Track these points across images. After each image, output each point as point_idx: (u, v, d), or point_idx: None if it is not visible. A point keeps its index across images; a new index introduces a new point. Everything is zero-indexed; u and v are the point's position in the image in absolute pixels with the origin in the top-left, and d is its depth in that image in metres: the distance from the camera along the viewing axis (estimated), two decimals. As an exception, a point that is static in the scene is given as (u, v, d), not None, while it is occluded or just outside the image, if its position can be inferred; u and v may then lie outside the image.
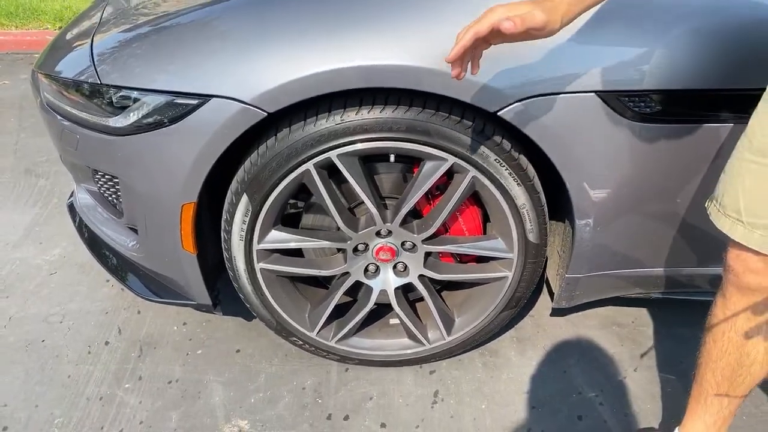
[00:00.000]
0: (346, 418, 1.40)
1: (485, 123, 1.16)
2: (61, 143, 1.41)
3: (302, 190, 1.31)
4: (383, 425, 1.39)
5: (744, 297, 0.99)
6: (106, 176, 1.43)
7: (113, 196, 1.47)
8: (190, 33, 1.18)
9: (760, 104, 0.91)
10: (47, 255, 1.95)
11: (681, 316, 1.69)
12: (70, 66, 1.32)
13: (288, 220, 1.40)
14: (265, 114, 1.11)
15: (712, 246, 1.32)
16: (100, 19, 1.43)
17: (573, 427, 1.38)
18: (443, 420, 1.40)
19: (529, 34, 0.82)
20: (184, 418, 1.40)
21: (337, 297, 1.40)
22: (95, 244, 1.58)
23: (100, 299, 1.77)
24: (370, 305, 1.41)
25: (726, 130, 1.13)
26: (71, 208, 1.68)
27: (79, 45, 1.36)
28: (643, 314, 1.71)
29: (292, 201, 1.44)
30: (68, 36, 1.46)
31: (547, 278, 1.56)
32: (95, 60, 1.26)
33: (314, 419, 1.40)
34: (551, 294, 1.53)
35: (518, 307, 1.43)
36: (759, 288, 0.96)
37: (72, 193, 1.70)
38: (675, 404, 1.44)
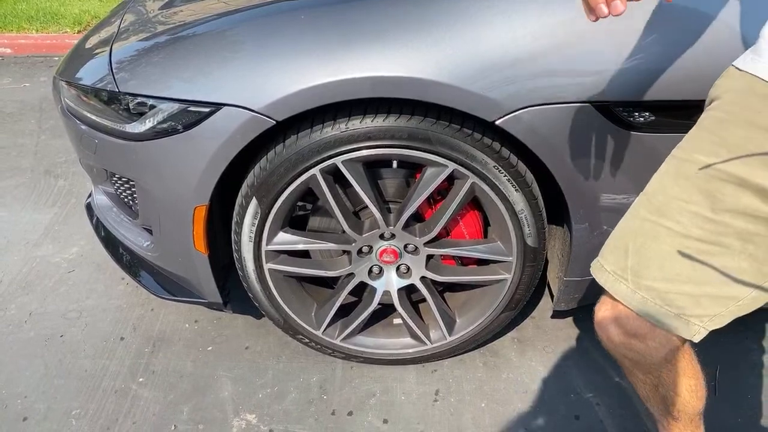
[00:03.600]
0: (350, 413, 1.46)
1: (484, 131, 1.21)
2: (80, 147, 1.48)
3: (310, 193, 1.36)
4: (386, 421, 1.44)
5: (625, 360, 0.98)
6: (123, 179, 1.49)
7: (129, 198, 1.53)
8: (203, 43, 1.24)
9: (665, 164, 0.90)
10: (66, 253, 2.03)
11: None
12: (90, 73, 1.38)
13: (296, 222, 1.45)
14: (274, 122, 1.16)
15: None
16: (119, 27, 1.49)
17: (569, 427, 1.42)
18: (444, 417, 1.45)
19: None
20: (195, 411, 1.46)
21: (342, 297, 1.45)
22: (111, 244, 1.64)
23: (116, 296, 1.83)
24: (374, 305, 1.46)
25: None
26: (89, 208, 1.75)
27: (99, 53, 1.42)
28: (642, 317, 1.74)
29: (300, 203, 1.49)
30: (88, 43, 1.52)
31: (548, 281, 1.60)
32: (113, 68, 1.32)
33: (319, 414, 1.45)
34: (552, 296, 1.57)
35: (518, 309, 1.47)
36: (626, 349, 0.94)
37: (90, 193, 1.77)
38: (671, 405, 1.47)
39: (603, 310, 0.97)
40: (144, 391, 1.52)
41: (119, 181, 1.52)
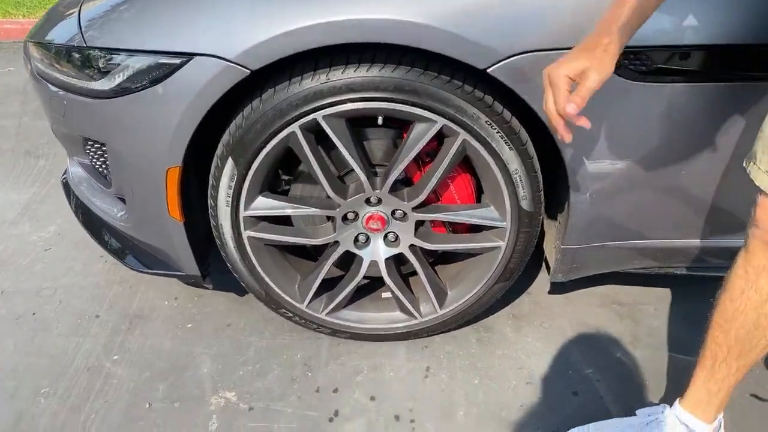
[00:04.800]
0: (336, 391, 1.38)
1: (476, 83, 1.13)
2: (51, 111, 1.40)
3: (293, 164, 1.29)
4: (373, 398, 1.36)
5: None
6: (96, 145, 1.41)
7: (103, 165, 1.45)
8: (172, -6, 1.16)
9: None
10: (43, 232, 1.95)
11: (684, 294, 1.64)
12: (59, 34, 1.31)
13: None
14: (248, 72, 1.08)
15: (716, 216, 1.28)
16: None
17: (567, 403, 1.35)
18: (434, 394, 1.37)
19: None
20: (171, 389, 1.38)
21: (327, 267, 1.37)
22: (87, 218, 1.56)
23: (93, 274, 1.75)
24: (361, 276, 1.38)
25: (732, 90, 1.09)
26: (65, 184, 1.67)
27: (69, 14, 1.34)
28: (644, 293, 1.66)
29: (285, 178, 1.41)
30: (60, 7, 1.45)
31: (545, 258, 1.52)
32: (82, 25, 1.25)
33: (303, 392, 1.37)
34: (549, 271, 1.49)
35: (512, 280, 1.39)
36: None
37: (65, 170, 1.70)
38: (676, 382, 1.39)
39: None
40: (118, 369, 1.44)
41: (92, 148, 1.44)
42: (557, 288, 1.65)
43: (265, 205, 1.28)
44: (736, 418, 1.27)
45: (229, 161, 1.21)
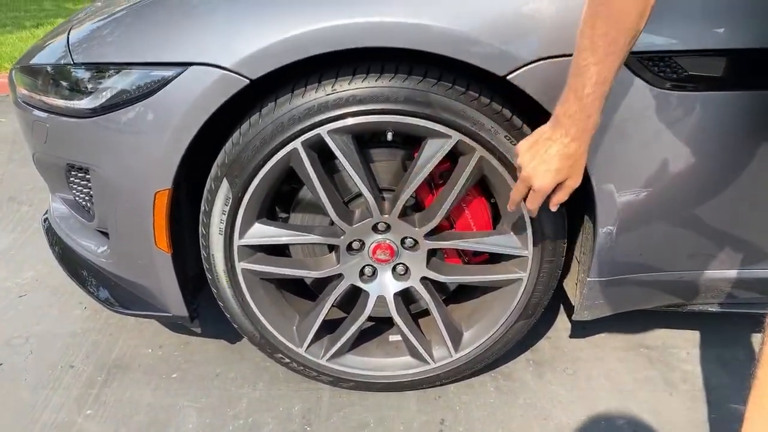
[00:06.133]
0: (339, 447, 1.21)
1: (493, 94, 1.04)
2: (33, 139, 1.31)
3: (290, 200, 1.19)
4: (381, 455, 1.19)
5: None
6: (79, 174, 1.30)
7: (86, 198, 1.34)
8: (165, 4, 1.09)
9: None
10: (19, 278, 1.80)
11: (714, 336, 1.51)
12: (46, 56, 1.23)
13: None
14: (247, 81, 0.99)
15: (759, 244, 1.18)
16: (77, 17, 1.37)
17: (604, 458, 1.19)
18: (451, 450, 1.20)
19: None
20: (151, 447, 1.21)
21: (329, 304, 1.23)
22: (66, 256, 1.43)
23: (70, 322, 1.60)
24: (366, 314, 1.24)
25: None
26: (45, 221, 1.55)
27: (57, 39, 1.27)
28: (673, 335, 1.52)
29: (283, 216, 1.30)
30: (47, 37, 1.39)
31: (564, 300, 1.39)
32: (70, 45, 1.17)
33: (301, 449, 1.21)
34: (569, 316, 1.36)
35: (535, 316, 1.26)
36: None
37: (46, 210, 1.59)
38: (721, 430, 1.24)
39: None
40: (91, 424, 1.26)
41: (75, 178, 1.33)
42: (579, 331, 1.52)
43: (263, 232, 1.16)
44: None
45: (224, 183, 1.10)
